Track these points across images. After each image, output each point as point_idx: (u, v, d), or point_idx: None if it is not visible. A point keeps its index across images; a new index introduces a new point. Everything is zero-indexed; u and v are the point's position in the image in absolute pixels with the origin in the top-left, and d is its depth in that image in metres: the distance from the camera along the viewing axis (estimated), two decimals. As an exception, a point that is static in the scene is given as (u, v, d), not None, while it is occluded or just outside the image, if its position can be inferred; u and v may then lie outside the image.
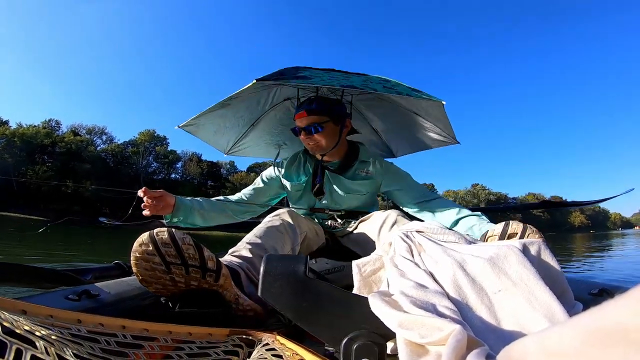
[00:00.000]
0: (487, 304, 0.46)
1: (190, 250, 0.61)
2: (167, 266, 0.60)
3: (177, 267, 0.61)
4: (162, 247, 0.59)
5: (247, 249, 0.88)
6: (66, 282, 0.80)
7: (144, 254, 0.59)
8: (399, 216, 1.11)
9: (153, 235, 0.60)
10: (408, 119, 1.58)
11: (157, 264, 0.60)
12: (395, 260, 0.60)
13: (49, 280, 0.79)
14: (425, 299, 0.45)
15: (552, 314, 0.43)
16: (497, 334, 0.43)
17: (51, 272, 0.81)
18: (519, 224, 0.79)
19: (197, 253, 0.62)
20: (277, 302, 0.48)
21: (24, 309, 0.40)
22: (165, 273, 0.61)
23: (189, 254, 0.61)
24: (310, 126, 1.21)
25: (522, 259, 0.50)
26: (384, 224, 1.10)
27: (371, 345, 0.42)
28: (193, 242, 0.62)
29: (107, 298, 0.67)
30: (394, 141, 1.85)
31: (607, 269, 5.43)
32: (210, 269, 0.63)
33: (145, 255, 0.59)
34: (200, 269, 0.62)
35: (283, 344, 0.49)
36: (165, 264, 0.60)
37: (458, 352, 0.31)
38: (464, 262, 0.53)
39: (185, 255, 0.60)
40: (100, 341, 0.39)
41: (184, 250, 0.60)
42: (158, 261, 0.60)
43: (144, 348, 0.42)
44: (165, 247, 0.59)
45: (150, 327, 0.46)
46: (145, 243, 0.59)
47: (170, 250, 0.60)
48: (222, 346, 0.47)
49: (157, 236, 0.59)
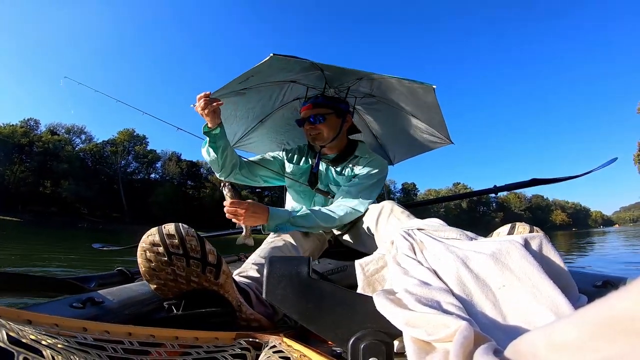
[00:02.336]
0: (491, 300, 0.46)
1: (193, 242, 0.64)
2: (169, 257, 0.63)
3: (179, 258, 0.63)
4: (167, 237, 0.63)
5: (254, 269, 0.89)
6: (70, 290, 0.80)
7: (150, 244, 0.63)
8: (395, 206, 1.12)
9: (160, 228, 0.64)
10: (406, 122, 1.62)
11: (160, 254, 0.63)
12: (397, 258, 0.60)
13: (52, 289, 0.79)
14: (430, 296, 0.45)
15: (557, 307, 0.43)
16: (503, 329, 0.43)
17: (54, 280, 0.81)
18: (526, 226, 0.78)
19: (199, 245, 0.65)
20: (282, 304, 0.48)
21: (29, 319, 0.40)
22: (167, 264, 0.63)
23: (191, 244, 0.64)
24: (314, 116, 1.32)
25: (525, 254, 0.50)
26: (380, 215, 1.12)
27: (378, 344, 0.42)
28: (196, 234, 0.66)
29: (112, 305, 0.67)
30: (392, 147, 1.89)
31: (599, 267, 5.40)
32: (210, 263, 0.65)
33: (151, 245, 0.63)
34: (200, 262, 0.64)
35: (290, 345, 0.49)
36: (167, 255, 0.63)
37: (465, 348, 0.31)
38: (466, 259, 0.53)
39: (188, 246, 0.63)
40: (107, 349, 0.39)
41: (187, 241, 0.63)
42: (161, 251, 0.63)
43: (151, 354, 0.42)
44: (170, 238, 0.63)
45: (156, 333, 0.46)
46: (152, 234, 0.63)
47: (174, 241, 0.63)
48: (229, 350, 0.47)
49: (164, 228, 0.64)
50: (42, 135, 43.79)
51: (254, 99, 1.54)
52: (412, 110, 1.54)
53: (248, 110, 1.61)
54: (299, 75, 1.50)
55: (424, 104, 1.41)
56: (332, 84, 1.51)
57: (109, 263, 4.70)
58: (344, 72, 1.36)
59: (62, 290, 0.79)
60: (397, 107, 1.57)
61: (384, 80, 1.37)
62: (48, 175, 40.86)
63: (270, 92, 1.58)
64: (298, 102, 1.68)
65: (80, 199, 40.99)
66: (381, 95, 1.57)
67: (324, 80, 1.48)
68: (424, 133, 1.61)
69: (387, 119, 1.71)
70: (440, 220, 0.77)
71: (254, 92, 1.50)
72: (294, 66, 1.35)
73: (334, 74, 1.42)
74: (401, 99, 1.49)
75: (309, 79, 1.52)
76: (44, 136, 43.60)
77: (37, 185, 40.17)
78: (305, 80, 1.54)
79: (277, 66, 1.31)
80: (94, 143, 48.64)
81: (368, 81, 1.47)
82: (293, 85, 1.58)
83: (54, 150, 42.03)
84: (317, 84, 1.54)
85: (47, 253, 5.49)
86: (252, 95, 1.51)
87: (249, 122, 1.69)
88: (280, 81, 1.53)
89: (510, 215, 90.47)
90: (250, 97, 1.52)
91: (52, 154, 41.87)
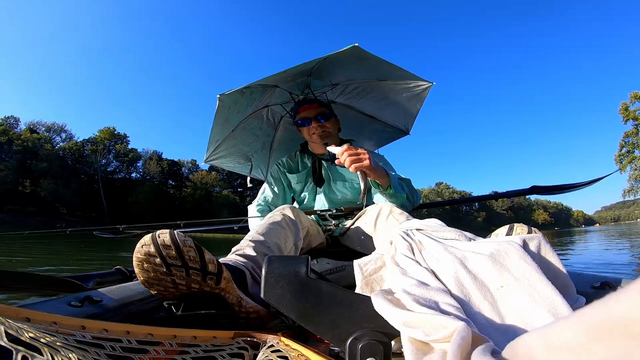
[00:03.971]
0: (490, 300, 0.46)
1: (191, 253, 0.61)
2: (168, 268, 0.60)
3: (178, 269, 0.61)
4: (163, 248, 0.59)
5: (250, 247, 0.87)
6: (68, 288, 0.80)
7: (145, 255, 0.59)
8: (393, 207, 1.12)
9: (155, 237, 0.60)
10: (378, 88, 1.64)
11: (158, 265, 0.60)
12: (396, 258, 0.60)
13: (50, 287, 0.79)
14: (428, 296, 0.45)
15: (555, 308, 0.43)
16: (501, 330, 0.43)
17: (53, 279, 0.81)
18: (524, 227, 0.78)
19: (198, 256, 0.62)
20: (280, 303, 0.48)
21: (27, 317, 0.40)
22: (166, 275, 0.61)
23: (189, 256, 0.61)
24: (322, 114, 1.39)
25: (523, 254, 0.50)
26: (379, 216, 1.12)
27: (376, 344, 0.42)
28: (194, 244, 0.62)
29: (110, 303, 0.67)
30: (390, 115, 1.88)
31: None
32: (210, 272, 0.62)
33: (146, 256, 0.59)
34: (200, 272, 0.62)
35: (288, 345, 0.49)
36: (166, 266, 0.60)
37: (463, 349, 0.31)
38: (465, 259, 0.53)
39: (186, 257, 0.60)
40: (105, 347, 0.39)
41: (185, 253, 0.60)
42: (159, 262, 0.60)
43: (149, 353, 0.42)
44: (166, 248, 0.60)
45: (154, 332, 0.46)
46: (147, 244, 0.60)
47: (170, 252, 0.60)
48: (227, 349, 0.47)
49: (159, 238, 0.60)
50: (22, 134, 43.02)
51: (231, 113, 1.51)
52: (382, 76, 1.56)
53: (223, 125, 1.57)
54: (270, 98, 1.56)
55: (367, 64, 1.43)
56: (310, 86, 1.57)
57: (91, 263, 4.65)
58: (299, 71, 1.38)
59: (61, 289, 0.79)
60: (362, 81, 1.61)
61: (328, 63, 1.40)
62: (27, 174, 40.20)
63: (245, 100, 1.54)
64: (267, 109, 1.70)
65: (59, 198, 40.36)
66: (339, 80, 1.61)
67: (304, 84, 1.54)
68: (399, 86, 1.62)
69: (364, 96, 1.73)
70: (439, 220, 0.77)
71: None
72: (254, 94, 1.41)
73: (299, 76, 1.47)
74: (355, 72, 1.53)
75: (289, 87, 1.57)
76: (23, 134, 42.84)
77: (16, 185, 39.43)
78: (284, 89, 1.58)
79: (235, 101, 1.37)
80: (74, 141, 47.87)
81: (321, 78, 1.53)
82: (273, 91, 1.59)
83: (33, 148, 41.37)
84: (296, 91, 1.60)
85: (24, 254, 5.41)
86: (228, 106, 1.47)
87: (220, 134, 1.65)
88: (258, 110, 1.61)
89: (493, 215, 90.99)
90: (226, 110, 1.48)
91: (32, 153, 41.21)
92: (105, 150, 48.32)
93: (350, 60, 1.38)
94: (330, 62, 1.34)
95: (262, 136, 1.80)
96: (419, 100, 1.69)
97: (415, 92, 1.62)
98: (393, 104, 1.73)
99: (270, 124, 1.79)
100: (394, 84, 1.59)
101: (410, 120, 1.86)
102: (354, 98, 1.73)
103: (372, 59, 1.32)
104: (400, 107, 1.75)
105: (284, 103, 1.69)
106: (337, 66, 1.46)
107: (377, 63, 1.38)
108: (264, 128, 1.78)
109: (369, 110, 1.82)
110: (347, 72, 1.52)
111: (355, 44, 1.16)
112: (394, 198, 1.17)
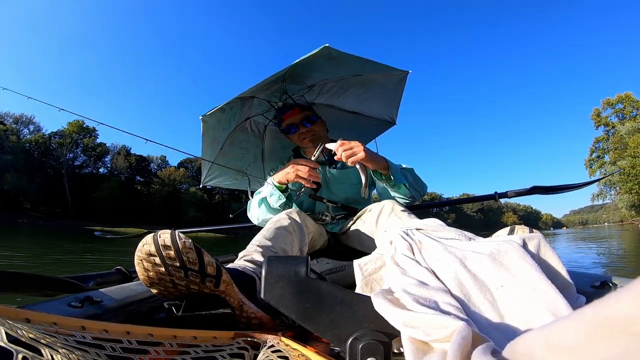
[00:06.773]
0: (490, 300, 0.46)
1: (190, 255, 0.61)
2: (167, 268, 0.60)
3: (176, 269, 0.61)
4: (162, 248, 0.60)
5: (258, 253, 0.88)
6: (68, 289, 0.79)
7: (146, 254, 0.60)
8: (395, 204, 1.12)
9: (156, 237, 0.61)
10: (359, 84, 1.63)
11: (157, 264, 0.60)
12: (396, 258, 0.60)
13: (50, 287, 0.78)
14: (428, 296, 0.45)
15: (555, 307, 0.43)
16: (501, 330, 0.43)
17: (52, 279, 0.80)
18: (525, 228, 0.78)
19: (197, 258, 0.62)
20: (280, 303, 0.48)
21: (27, 317, 0.40)
22: (166, 275, 0.61)
23: (188, 257, 0.61)
24: (307, 118, 1.36)
25: (523, 254, 0.50)
26: (381, 214, 1.12)
27: (376, 344, 0.42)
28: (194, 246, 0.62)
29: (110, 304, 0.67)
30: (376, 107, 1.86)
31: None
32: (209, 275, 0.63)
33: (147, 255, 0.60)
34: (199, 274, 0.62)
35: (288, 345, 0.49)
36: (165, 266, 0.60)
37: (463, 349, 0.31)
38: (464, 259, 0.53)
39: (185, 258, 0.61)
40: (105, 347, 0.39)
41: (184, 254, 0.61)
42: (158, 262, 0.60)
43: (149, 353, 0.42)
44: (166, 249, 0.60)
45: (154, 332, 0.46)
46: (147, 244, 0.60)
47: (169, 252, 0.60)
48: (227, 349, 0.47)
49: (159, 238, 0.61)
50: (-14, 125, 39.85)
51: (218, 131, 1.52)
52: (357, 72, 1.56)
53: (213, 142, 1.56)
54: (250, 110, 1.56)
55: (339, 62, 1.42)
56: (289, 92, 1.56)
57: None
58: (272, 79, 1.36)
59: (61, 289, 0.78)
60: (338, 79, 1.60)
61: (301, 67, 1.38)
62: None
63: (227, 117, 1.53)
64: (249, 121, 1.69)
65: (22, 192, 38.25)
66: (314, 82, 1.60)
67: (281, 91, 1.53)
68: (376, 79, 1.61)
69: (343, 93, 1.72)
70: (439, 220, 0.77)
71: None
72: (234, 108, 1.41)
73: (274, 84, 1.46)
74: (329, 72, 1.51)
75: (266, 95, 1.56)
76: (-13, 126, 39.71)
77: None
78: (262, 99, 1.58)
79: (218, 119, 1.37)
80: (41, 134, 44.63)
81: (296, 82, 1.52)
82: (250, 102, 1.59)
83: (-3, 140, 40.26)
84: (274, 99, 1.59)
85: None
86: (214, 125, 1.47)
87: (212, 153, 1.63)
88: (240, 122, 1.61)
89: (462, 217, 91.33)
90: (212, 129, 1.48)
91: (-5, 145, 38.41)
92: (72, 144, 45.86)
93: (322, 61, 1.38)
94: (302, 65, 1.33)
95: (252, 148, 1.79)
96: (398, 89, 1.70)
97: (392, 81, 1.63)
98: (373, 97, 1.74)
99: (256, 134, 1.78)
100: (370, 77, 1.59)
101: (394, 111, 1.86)
102: (333, 97, 1.73)
103: (343, 56, 1.32)
104: (380, 99, 1.76)
105: (264, 112, 1.67)
106: (310, 69, 1.45)
107: (350, 60, 1.38)
108: (251, 140, 1.77)
109: (351, 106, 1.81)
110: (321, 73, 1.51)
111: (325, 45, 1.17)
112: (396, 187, 1.16)
